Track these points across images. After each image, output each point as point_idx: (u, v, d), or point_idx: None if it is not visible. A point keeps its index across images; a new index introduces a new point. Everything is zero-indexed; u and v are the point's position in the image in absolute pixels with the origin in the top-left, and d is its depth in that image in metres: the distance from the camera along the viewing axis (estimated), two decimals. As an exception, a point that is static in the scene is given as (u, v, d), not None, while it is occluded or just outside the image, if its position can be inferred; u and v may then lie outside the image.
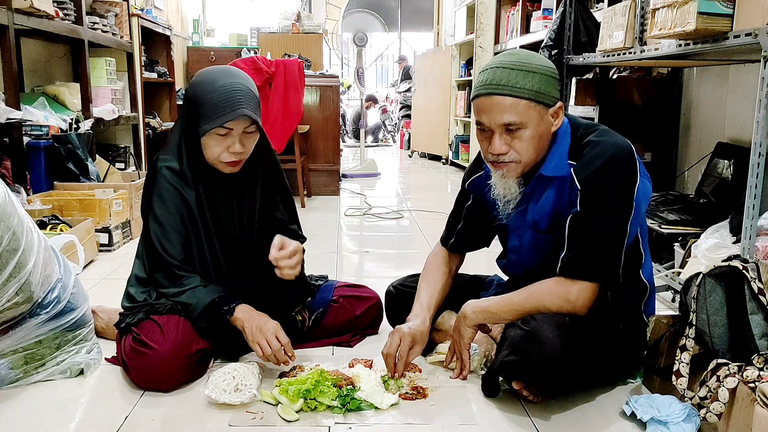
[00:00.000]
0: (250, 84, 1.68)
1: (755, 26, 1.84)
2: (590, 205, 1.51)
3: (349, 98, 11.61)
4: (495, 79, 1.49)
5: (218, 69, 1.70)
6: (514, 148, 1.53)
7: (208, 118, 1.62)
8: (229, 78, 1.64)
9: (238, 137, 1.65)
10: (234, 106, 1.60)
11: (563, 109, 1.56)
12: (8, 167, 2.93)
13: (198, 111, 1.64)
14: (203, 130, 1.63)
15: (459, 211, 1.84)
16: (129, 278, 1.81)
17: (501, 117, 1.49)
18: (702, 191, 2.93)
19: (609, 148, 1.51)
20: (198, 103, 1.64)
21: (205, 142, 1.65)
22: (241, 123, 1.63)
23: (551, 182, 1.58)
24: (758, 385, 1.26)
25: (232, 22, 8.08)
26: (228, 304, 1.67)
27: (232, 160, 1.67)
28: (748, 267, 1.46)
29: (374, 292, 2.03)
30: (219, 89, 1.61)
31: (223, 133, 1.63)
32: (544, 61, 1.54)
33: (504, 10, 5.56)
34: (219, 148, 1.65)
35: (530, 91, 1.48)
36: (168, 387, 1.62)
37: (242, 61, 4.26)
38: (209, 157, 1.68)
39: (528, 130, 1.50)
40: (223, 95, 1.61)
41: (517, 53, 1.54)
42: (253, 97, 1.66)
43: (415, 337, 1.65)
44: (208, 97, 1.62)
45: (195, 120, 1.65)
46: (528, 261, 1.70)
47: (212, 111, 1.61)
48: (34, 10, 3.00)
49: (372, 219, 4.14)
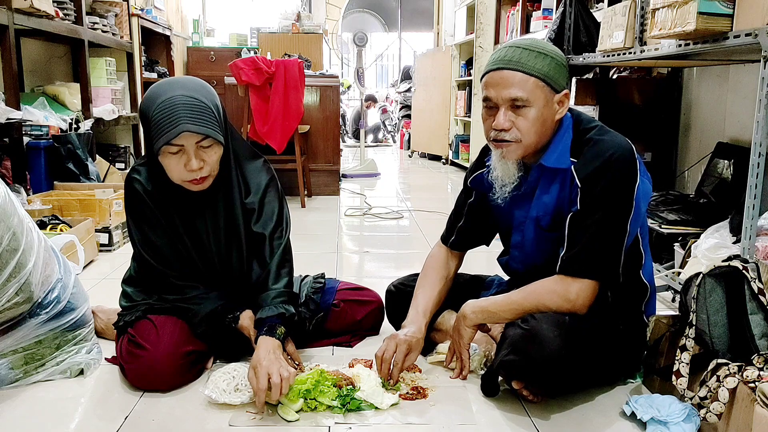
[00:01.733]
0: (198, 94, 1.53)
1: (755, 26, 1.84)
2: (590, 204, 1.51)
3: (349, 98, 11.61)
4: (507, 56, 1.53)
5: (165, 82, 1.57)
6: (517, 126, 1.53)
7: (155, 138, 1.51)
8: (172, 92, 1.51)
9: (193, 153, 1.52)
10: (175, 122, 1.48)
11: (569, 98, 1.58)
12: (8, 167, 2.94)
13: (148, 131, 1.55)
14: (155, 151, 1.52)
15: (461, 208, 1.84)
16: (124, 278, 1.81)
17: (509, 91, 1.51)
18: (702, 191, 2.93)
19: (609, 147, 1.52)
20: (146, 122, 1.54)
21: (163, 162, 1.55)
22: (191, 138, 1.51)
23: (555, 176, 1.58)
24: (758, 385, 1.26)
25: (232, 22, 8.08)
26: (232, 312, 1.67)
27: (192, 178, 1.56)
28: (748, 267, 1.46)
29: (376, 295, 2.02)
30: (160, 106, 1.50)
31: (175, 151, 1.52)
32: (557, 49, 1.57)
33: (504, 10, 5.57)
34: (178, 167, 1.54)
35: (540, 71, 1.50)
36: (164, 387, 1.62)
37: (242, 61, 4.25)
38: (172, 178, 1.58)
39: (533, 109, 1.52)
40: (164, 111, 1.49)
41: (531, 38, 1.59)
42: (200, 108, 1.51)
43: (411, 344, 1.64)
44: (151, 115, 1.51)
45: (147, 141, 1.57)
46: (530, 257, 1.70)
47: (156, 130, 1.50)
48: (34, 10, 3.00)
49: (372, 219, 4.14)
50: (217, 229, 1.69)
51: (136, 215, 1.67)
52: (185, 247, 1.70)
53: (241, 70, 4.18)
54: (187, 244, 1.69)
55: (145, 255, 1.69)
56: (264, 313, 1.61)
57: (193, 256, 1.71)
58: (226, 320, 1.66)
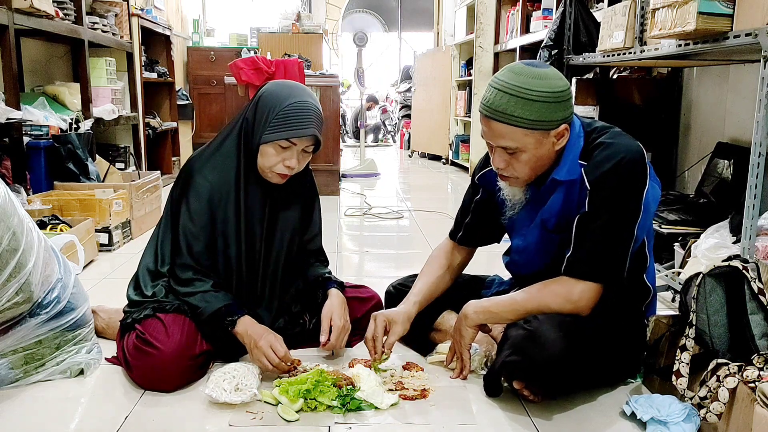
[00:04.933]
0: (320, 106, 1.74)
1: (755, 26, 1.84)
2: (599, 206, 1.50)
3: (349, 98, 11.61)
4: (494, 104, 1.49)
5: (295, 84, 1.76)
6: (512, 167, 1.55)
7: (276, 128, 1.65)
8: (304, 96, 1.69)
9: (297, 153, 1.69)
10: (305, 123, 1.66)
11: (568, 130, 1.53)
12: (8, 167, 2.93)
13: (267, 118, 1.67)
14: (267, 138, 1.66)
15: (468, 204, 1.84)
16: (139, 268, 1.80)
17: (497, 141, 1.52)
18: (702, 191, 2.93)
19: (620, 151, 1.50)
20: (270, 111, 1.67)
21: (265, 149, 1.68)
22: (305, 141, 1.68)
23: (562, 184, 1.58)
24: (758, 385, 1.26)
25: (232, 22, 8.08)
26: (232, 316, 1.68)
27: (284, 173, 1.71)
28: (748, 267, 1.46)
29: (375, 293, 2.03)
30: (294, 103, 1.66)
31: (286, 146, 1.67)
32: (551, 83, 1.47)
33: (504, 10, 5.57)
34: (276, 158, 1.68)
35: (527, 121, 1.47)
36: (170, 388, 1.62)
37: (242, 61, 4.26)
38: (262, 164, 1.70)
39: (525, 153, 1.52)
40: (297, 110, 1.66)
41: (525, 74, 1.47)
42: (322, 119, 1.72)
43: (391, 317, 1.69)
44: (281, 108, 1.66)
45: (261, 125, 1.68)
46: (534, 261, 1.70)
47: (282, 122, 1.65)
48: (34, 10, 3.00)
49: (372, 219, 4.14)
50: (275, 219, 1.80)
51: (194, 189, 1.72)
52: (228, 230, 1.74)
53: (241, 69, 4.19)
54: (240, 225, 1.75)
55: (181, 230, 1.71)
56: (326, 273, 1.91)
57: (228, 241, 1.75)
58: (225, 322, 1.67)
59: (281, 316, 1.87)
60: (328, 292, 1.85)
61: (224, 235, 1.75)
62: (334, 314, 1.79)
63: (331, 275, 1.94)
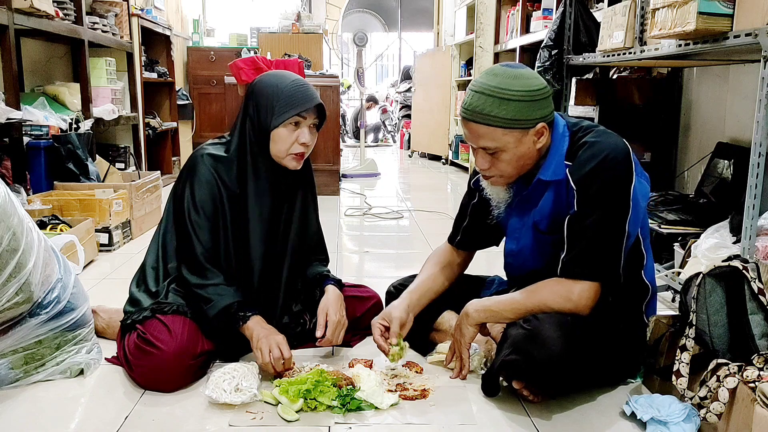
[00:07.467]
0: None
1: (755, 26, 1.84)
2: (586, 206, 1.51)
3: (349, 98, 11.61)
4: (472, 105, 1.52)
5: (280, 71, 1.84)
6: (495, 167, 1.57)
7: (284, 109, 1.70)
8: (294, 76, 1.76)
9: (307, 128, 1.74)
10: (308, 96, 1.72)
11: (547, 128, 1.55)
12: (8, 167, 2.93)
13: (272, 104, 1.71)
14: (278, 121, 1.70)
15: (465, 208, 1.86)
16: (143, 265, 1.82)
17: (478, 142, 1.55)
18: (702, 191, 2.93)
19: (604, 149, 1.52)
20: (273, 98, 1.71)
21: (277, 134, 1.72)
22: (312, 115, 1.74)
23: (549, 185, 1.59)
24: (758, 385, 1.26)
25: (232, 22, 8.08)
26: (244, 312, 1.68)
27: (300, 151, 1.74)
28: (748, 267, 1.46)
29: (375, 292, 2.04)
30: (291, 83, 1.73)
31: (294, 123, 1.72)
32: (528, 82, 1.50)
33: (504, 10, 5.56)
34: (290, 138, 1.72)
35: (504, 120, 1.49)
36: (171, 387, 1.62)
37: (242, 61, 4.25)
38: (278, 150, 1.74)
39: (506, 153, 1.54)
40: (296, 87, 1.72)
41: (501, 74, 1.51)
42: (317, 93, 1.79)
43: (386, 312, 1.74)
44: (282, 91, 1.71)
45: (268, 113, 1.72)
46: (529, 262, 1.70)
47: (288, 102, 1.70)
48: (34, 10, 3.00)
49: (372, 219, 4.14)
50: (280, 207, 1.83)
51: (197, 178, 1.73)
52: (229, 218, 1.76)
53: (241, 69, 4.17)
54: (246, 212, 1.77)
55: (187, 218, 1.72)
56: (325, 271, 1.94)
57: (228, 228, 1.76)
58: (237, 316, 1.67)
59: (284, 315, 1.87)
60: (325, 288, 1.86)
61: (234, 231, 1.76)
62: (330, 309, 1.80)
63: (329, 273, 1.94)
